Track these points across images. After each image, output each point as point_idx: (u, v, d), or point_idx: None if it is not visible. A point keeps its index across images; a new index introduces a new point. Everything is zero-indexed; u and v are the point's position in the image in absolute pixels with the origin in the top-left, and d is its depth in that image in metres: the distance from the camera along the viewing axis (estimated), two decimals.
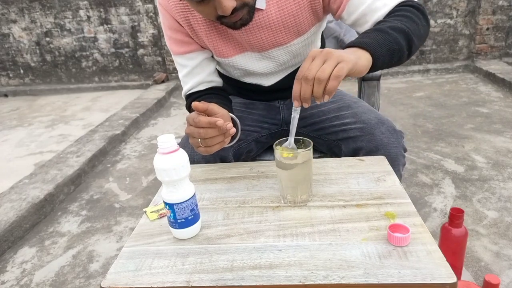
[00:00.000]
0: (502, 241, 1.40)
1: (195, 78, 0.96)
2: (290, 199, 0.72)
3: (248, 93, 1.11)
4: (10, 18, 4.30)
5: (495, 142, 2.20)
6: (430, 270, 0.54)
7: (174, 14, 0.89)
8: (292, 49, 0.95)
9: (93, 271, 1.46)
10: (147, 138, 2.84)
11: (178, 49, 0.94)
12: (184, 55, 0.95)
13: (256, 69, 0.98)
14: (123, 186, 2.13)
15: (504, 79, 3.15)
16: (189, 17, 0.88)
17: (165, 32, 0.95)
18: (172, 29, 0.92)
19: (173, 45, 0.95)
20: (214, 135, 0.73)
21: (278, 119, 1.11)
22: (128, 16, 4.14)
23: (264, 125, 1.09)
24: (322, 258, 0.58)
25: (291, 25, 0.88)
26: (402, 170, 0.94)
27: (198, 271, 0.58)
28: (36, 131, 3.17)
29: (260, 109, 1.11)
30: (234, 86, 1.11)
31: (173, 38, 0.93)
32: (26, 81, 4.64)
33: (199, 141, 0.74)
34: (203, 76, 0.97)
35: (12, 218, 1.70)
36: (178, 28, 0.91)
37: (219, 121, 0.70)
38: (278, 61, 0.97)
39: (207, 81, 0.98)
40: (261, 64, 0.97)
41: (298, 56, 0.99)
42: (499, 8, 3.63)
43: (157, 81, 4.19)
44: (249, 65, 0.97)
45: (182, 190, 0.64)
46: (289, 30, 0.89)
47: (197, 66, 0.96)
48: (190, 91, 0.98)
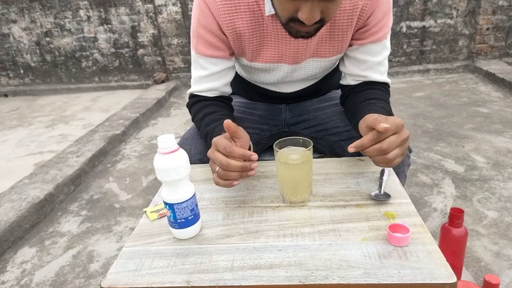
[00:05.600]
0: (502, 241, 1.40)
1: (210, 83, 0.93)
2: (290, 199, 0.72)
3: (255, 95, 1.10)
4: (10, 18, 4.30)
5: (495, 142, 2.20)
6: (430, 270, 0.54)
7: (219, 15, 0.84)
8: (326, 65, 0.95)
9: (93, 271, 1.46)
10: (147, 138, 2.84)
11: (205, 51, 0.89)
12: (208, 58, 0.90)
13: (283, 80, 0.98)
14: (123, 186, 2.13)
15: (504, 79, 3.15)
16: (234, 19, 0.84)
17: (196, 28, 0.89)
18: (207, 29, 0.87)
19: (200, 44, 0.89)
20: (237, 169, 0.68)
21: (279, 120, 1.11)
22: (128, 16, 4.14)
23: (264, 126, 1.08)
24: (322, 258, 0.58)
25: (338, 39, 0.87)
26: (407, 171, 0.94)
27: (198, 271, 0.58)
28: (36, 131, 3.17)
29: (261, 110, 1.10)
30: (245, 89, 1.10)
31: (204, 38, 0.88)
32: (26, 81, 4.64)
33: (217, 168, 0.70)
34: (218, 85, 0.94)
35: (12, 218, 1.70)
36: (215, 31, 0.86)
37: (254, 155, 0.68)
38: (306, 73, 0.96)
39: (220, 90, 0.95)
40: (289, 75, 0.96)
41: (326, 71, 1.00)
42: (499, 8, 3.63)
43: (157, 81, 4.19)
44: (277, 76, 0.96)
45: (182, 190, 0.64)
46: (333, 44, 0.88)
47: (217, 73, 0.92)
48: (199, 93, 0.95)
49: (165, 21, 4.05)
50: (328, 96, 1.11)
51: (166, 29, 4.08)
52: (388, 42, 0.89)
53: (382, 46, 0.88)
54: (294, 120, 1.09)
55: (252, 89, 1.08)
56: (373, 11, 0.83)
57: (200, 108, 0.93)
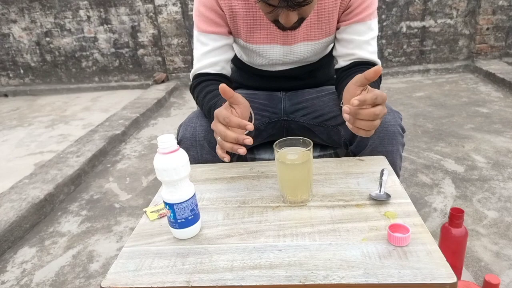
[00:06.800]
0: (502, 241, 1.40)
1: (212, 58, 0.98)
2: (290, 199, 0.72)
3: (256, 78, 1.15)
4: (10, 18, 4.30)
5: (495, 142, 2.20)
6: (430, 270, 0.54)
7: None
8: (317, 47, 1.00)
9: (93, 271, 1.46)
10: (147, 138, 2.84)
11: (206, 27, 0.95)
12: (209, 34, 0.96)
13: (277, 61, 1.04)
14: (123, 186, 2.13)
15: (504, 79, 3.15)
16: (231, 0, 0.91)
17: (197, 7, 0.95)
18: (207, 6, 0.93)
19: (201, 22, 0.95)
20: (232, 140, 0.71)
21: (279, 108, 1.13)
22: (128, 16, 4.14)
23: (265, 113, 1.11)
24: (322, 258, 0.58)
25: (325, 22, 0.94)
26: (402, 151, 0.96)
27: (198, 271, 0.58)
28: (36, 131, 3.17)
29: (261, 99, 1.14)
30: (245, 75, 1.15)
31: (204, 15, 0.94)
32: (26, 81, 4.64)
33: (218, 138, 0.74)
34: (220, 59, 0.98)
35: (12, 218, 1.70)
36: (214, 7, 0.93)
37: (249, 125, 0.70)
38: (299, 56, 1.02)
39: (221, 65, 0.99)
40: (282, 57, 1.02)
41: (318, 54, 1.05)
42: (499, 8, 3.63)
43: (157, 81, 4.19)
44: (272, 58, 1.02)
45: (182, 190, 0.64)
46: (321, 27, 0.95)
47: (218, 48, 0.97)
48: (202, 70, 0.99)
49: (165, 21, 4.05)
50: (325, 88, 1.15)
51: (166, 29, 4.08)
52: (373, 24, 0.94)
53: (367, 26, 0.93)
54: (292, 108, 1.13)
55: (252, 72, 1.12)
56: None
57: (203, 87, 0.97)
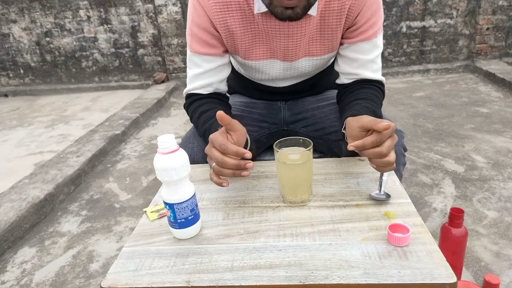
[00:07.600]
0: (502, 241, 1.40)
1: (205, 80, 0.94)
2: (290, 199, 0.72)
3: (255, 92, 1.12)
4: (10, 18, 4.30)
5: (495, 142, 2.20)
6: (430, 270, 0.54)
7: (211, 13, 0.86)
8: (319, 63, 0.97)
9: (93, 271, 1.46)
10: (147, 138, 2.84)
11: (199, 49, 0.91)
12: (202, 56, 0.92)
13: (278, 77, 1.00)
14: (123, 186, 2.13)
15: (504, 79, 3.15)
16: (226, 17, 0.86)
17: (190, 27, 0.91)
18: (200, 27, 0.88)
19: (194, 43, 0.91)
20: (232, 167, 0.69)
21: (278, 118, 1.11)
22: (128, 16, 4.14)
23: (264, 124, 1.09)
24: (322, 258, 0.58)
25: (328, 38, 0.90)
26: (403, 170, 0.95)
27: (198, 271, 0.58)
28: (36, 131, 3.17)
29: (260, 108, 1.11)
30: (244, 85, 1.12)
31: (198, 36, 0.90)
32: (26, 81, 4.64)
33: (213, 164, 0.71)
34: (213, 81, 0.95)
35: (12, 218, 1.70)
36: (209, 28, 0.88)
37: (247, 153, 0.68)
38: (300, 72, 0.98)
39: (214, 86, 0.96)
40: (283, 72, 0.98)
41: (320, 69, 1.01)
42: (499, 8, 3.63)
43: (157, 81, 4.19)
44: (271, 74, 0.99)
45: (182, 190, 0.64)
46: (324, 43, 0.91)
47: (211, 70, 0.93)
48: (194, 90, 0.97)
49: (165, 21, 4.05)
50: (326, 96, 1.12)
51: (166, 29, 4.08)
52: (379, 40, 0.91)
53: (372, 44, 0.89)
54: (292, 118, 1.10)
55: (251, 85, 1.09)
56: (360, 10, 0.85)
57: (196, 107, 0.94)
